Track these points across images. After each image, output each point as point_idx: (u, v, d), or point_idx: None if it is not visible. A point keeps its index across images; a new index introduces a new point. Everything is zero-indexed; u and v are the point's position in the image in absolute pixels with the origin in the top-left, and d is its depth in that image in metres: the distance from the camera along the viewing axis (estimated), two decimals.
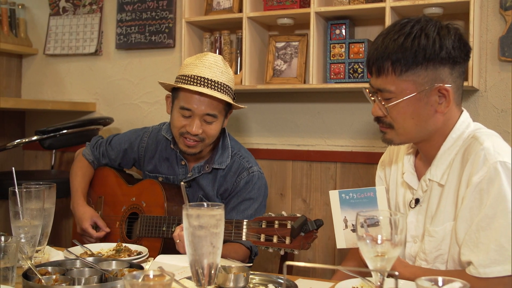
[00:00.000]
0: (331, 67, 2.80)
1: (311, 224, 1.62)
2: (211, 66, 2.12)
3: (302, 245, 1.61)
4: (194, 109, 2.12)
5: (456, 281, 1.01)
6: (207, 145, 2.23)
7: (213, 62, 2.13)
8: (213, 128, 2.17)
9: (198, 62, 2.13)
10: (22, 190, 1.61)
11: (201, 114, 2.12)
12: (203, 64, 2.12)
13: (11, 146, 3.13)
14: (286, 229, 1.63)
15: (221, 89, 2.11)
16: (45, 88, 3.83)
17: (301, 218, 1.61)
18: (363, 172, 2.94)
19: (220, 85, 2.11)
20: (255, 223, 1.70)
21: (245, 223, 1.73)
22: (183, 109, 2.14)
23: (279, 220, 1.65)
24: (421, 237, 1.70)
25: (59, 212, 2.76)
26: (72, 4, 3.71)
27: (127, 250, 1.90)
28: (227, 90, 2.14)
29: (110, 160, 2.49)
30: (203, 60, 2.13)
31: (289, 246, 1.61)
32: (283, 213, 1.68)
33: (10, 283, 1.42)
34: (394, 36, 1.60)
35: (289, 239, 1.61)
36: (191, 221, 1.21)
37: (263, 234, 1.67)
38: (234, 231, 1.74)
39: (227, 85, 2.14)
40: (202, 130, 2.14)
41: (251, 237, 1.69)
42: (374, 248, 1.21)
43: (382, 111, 1.65)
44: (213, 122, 2.15)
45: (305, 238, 1.61)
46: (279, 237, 1.63)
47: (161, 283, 1.09)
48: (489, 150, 1.54)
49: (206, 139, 2.17)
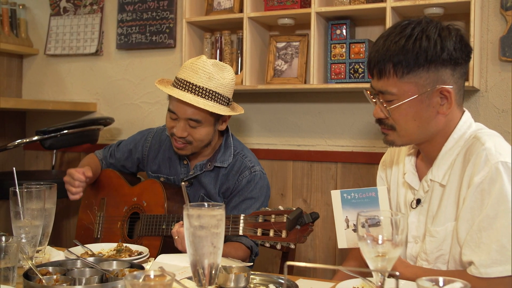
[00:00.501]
0: (331, 67, 2.80)
1: (306, 216, 1.62)
2: (197, 71, 2.08)
3: (298, 238, 1.61)
4: (178, 113, 2.13)
5: (457, 281, 1.01)
6: (199, 148, 2.22)
7: (201, 67, 2.09)
8: (199, 132, 2.15)
9: (189, 65, 2.12)
10: (23, 190, 1.61)
11: (185, 118, 2.12)
12: (192, 68, 2.10)
13: (12, 146, 3.13)
14: (283, 222, 1.63)
15: (207, 96, 2.07)
16: (46, 88, 3.83)
17: (297, 211, 1.62)
18: (363, 172, 2.94)
19: (206, 91, 2.07)
20: (252, 217, 1.71)
21: (242, 218, 1.73)
22: (170, 112, 2.16)
23: (275, 213, 1.65)
24: (422, 237, 1.70)
25: (59, 212, 2.76)
26: (73, 4, 3.71)
27: (128, 250, 1.90)
28: (214, 96, 2.09)
29: (115, 160, 2.52)
30: (194, 63, 2.11)
31: (285, 240, 1.62)
32: (280, 207, 1.68)
33: (11, 283, 1.42)
34: (395, 38, 1.60)
35: (285, 233, 1.61)
36: (192, 221, 1.22)
37: (260, 228, 1.68)
38: (231, 226, 1.74)
39: (215, 92, 2.09)
40: (187, 133, 2.15)
41: (248, 231, 1.70)
42: (375, 248, 1.21)
43: (383, 113, 1.65)
44: (198, 127, 2.14)
45: (301, 231, 1.61)
46: (276, 231, 1.63)
47: (161, 283, 1.09)
48: (490, 151, 1.54)
49: (194, 142, 2.17)
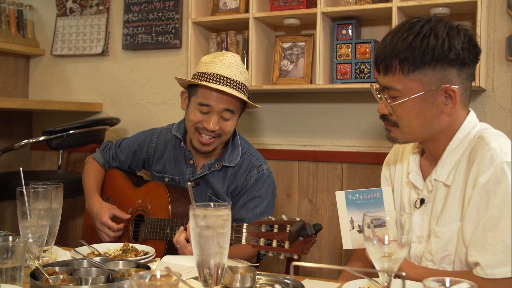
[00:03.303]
0: (337, 67, 2.80)
1: (309, 228, 1.60)
2: (230, 65, 2.15)
3: (301, 250, 1.59)
4: (213, 106, 2.14)
5: (463, 282, 1.00)
6: (223, 142, 2.25)
7: (232, 61, 2.17)
8: (230, 124, 2.20)
9: (217, 60, 2.17)
10: (29, 190, 1.61)
11: (219, 111, 2.15)
12: (223, 62, 2.15)
13: (19, 146, 3.14)
14: (285, 233, 1.61)
15: (239, 88, 2.15)
16: (52, 88, 3.85)
17: (299, 223, 1.60)
18: (369, 173, 2.94)
19: (238, 84, 2.15)
20: (255, 227, 1.69)
21: (245, 227, 1.71)
22: (201, 105, 2.16)
23: (278, 224, 1.63)
24: (426, 237, 1.70)
25: (66, 212, 2.78)
26: (79, 4, 3.72)
27: (134, 250, 1.90)
28: (244, 89, 2.18)
29: (120, 162, 2.50)
30: (223, 58, 2.17)
31: (288, 251, 1.60)
32: (283, 217, 1.66)
33: (18, 282, 1.43)
34: (403, 35, 1.59)
35: (288, 244, 1.60)
36: (198, 221, 1.22)
37: (263, 238, 1.66)
38: (234, 234, 1.72)
39: (244, 85, 2.18)
40: (219, 126, 2.17)
41: (251, 240, 1.68)
42: (381, 248, 1.21)
43: (387, 109, 1.65)
44: (230, 119, 2.19)
45: (304, 243, 1.60)
46: (278, 241, 1.62)
47: (168, 283, 1.09)
48: (495, 151, 1.54)
49: (223, 135, 2.20)
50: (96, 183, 2.45)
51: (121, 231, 2.27)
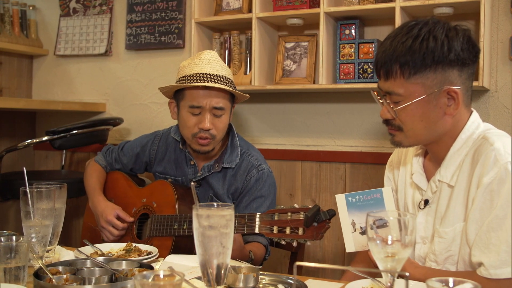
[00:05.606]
0: (340, 67, 2.80)
1: (323, 214, 1.63)
2: (210, 62, 2.18)
3: (315, 235, 1.62)
4: (204, 105, 2.16)
5: (467, 282, 1.00)
6: (218, 142, 2.26)
7: (211, 58, 2.20)
8: (222, 121, 2.21)
9: (196, 61, 2.20)
10: (33, 190, 1.62)
11: (211, 108, 2.17)
12: (202, 61, 2.18)
13: (22, 146, 3.15)
14: (299, 220, 1.64)
15: (224, 82, 2.17)
16: (56, 88, 3.85)
17: (314, 208, 1.63)
18: (372, 173, 2.94)
19: (223, 78, 2.17)
20: (268, 215, 1.72)
21: (258, 216, 1.75)
22: (192, 108, 2.17)
23: (291, 211, 1.66)
24: (430, 238, 1.69)
25: (69, 212, 2.78)
26: (82, 5, 3.73)
27: (137, 250, 1.90)
28: (229, 82, 2.20)
29: (122, 165, 2.51)
30: (201, 58, 2.20)
31: (302, 237, 1.62)
32: (295, 205, 1.70)
33: (21, 282, 1.43)
34: (402, 38, 1.59)
35: (302, 230, 1.62)
36: (201, 221, 1.22)
37: (276, 226, 1.68)
38: (247, 224, 1.76)
39: (228, 78, 2.20)
40: (212, 125, 2.18)
41: (264, 229, 1.71)
42: (384, 248, 1.21)
43: (390, 114, 1.65)
44: (222, 115, 2.20)
45: (318, 228, 1.62)
46: (292, 228, 1.64)
47: (171, 283, 1.09)
48: (499, 151, 1.54)
49: (217, 134, 2.21)
50: (99, 184, 2.45)
51: (124, 230, 2.28)
